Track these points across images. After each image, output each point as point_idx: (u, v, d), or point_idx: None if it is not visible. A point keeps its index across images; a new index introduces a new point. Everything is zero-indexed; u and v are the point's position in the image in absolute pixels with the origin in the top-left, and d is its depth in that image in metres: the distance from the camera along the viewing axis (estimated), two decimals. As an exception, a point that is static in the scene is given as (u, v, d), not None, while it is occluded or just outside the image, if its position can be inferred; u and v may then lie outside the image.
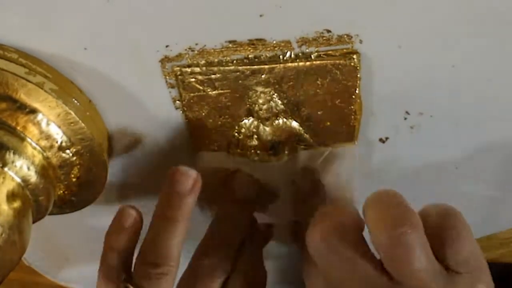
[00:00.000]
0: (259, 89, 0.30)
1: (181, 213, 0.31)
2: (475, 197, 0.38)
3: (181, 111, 0.31)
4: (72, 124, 0.30)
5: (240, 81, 0.29)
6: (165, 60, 0.29)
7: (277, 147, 0.32)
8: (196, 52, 0.28)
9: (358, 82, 0.30)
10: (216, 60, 0.29)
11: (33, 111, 0.29)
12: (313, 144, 0.33)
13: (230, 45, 0.28)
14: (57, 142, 0.30)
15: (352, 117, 0.31)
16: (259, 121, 0.31)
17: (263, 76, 0.29)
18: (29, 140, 0.29)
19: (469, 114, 0.32)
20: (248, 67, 0.29)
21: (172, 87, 0.30)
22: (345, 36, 0.28)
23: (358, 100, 0.31)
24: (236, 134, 0.32)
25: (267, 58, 0.29)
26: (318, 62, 0.29)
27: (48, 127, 0.29)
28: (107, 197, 0.35)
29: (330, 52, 0.28)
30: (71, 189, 0.32)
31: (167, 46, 0.28)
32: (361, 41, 0.28)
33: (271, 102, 0.30)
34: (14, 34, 0.28)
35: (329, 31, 0.28)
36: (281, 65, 0.29)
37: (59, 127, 0.30)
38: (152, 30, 0.27)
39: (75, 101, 0.30)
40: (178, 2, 0.26)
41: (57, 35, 0.28)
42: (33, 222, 0.30)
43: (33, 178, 0.29)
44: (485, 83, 0.30)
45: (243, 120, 0.31)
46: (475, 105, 0.31)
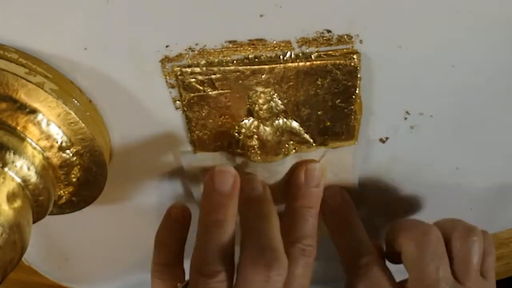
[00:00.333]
0: (259, 89, 0.30)
1: (227, 212, 0.30)
2: (475, 197, 0.38)
3: (181, 111, 0.31)
4: (72, 124, 0.30)
5: (240, 81, 0.29)
6: (165, 60, 0.29)
7: (277, 147, 0.32)
8: (196, 52, 0.28)
9: (358, 82, 0.30)
10: (216, 60, 0.29)
11: (33, 111, 0.29)
12: (313, 144, 0.33)
13: (230, 45, 0.28)
14: (57, 142, 0.30)
15: (352, 117, 0.31)
16: (259, 121, 0.31)
17: (263, 76, 0.29)
18: (29, 140, 0.29)
19: (469, 114, 0.32)
20: (248, 67, 0.29)
21: (172, 87, 0.30)
22: (345, 36, 0.28)
23: (358, 100, 0.31)
24: (236, 134, 0.32)
25: (267, 58, 0.29)
26: (318, 62, 0.29)
27: (48, 127, 0.29)
28: (107, 197, 0.35)
29: (330, 52, 0.28)
30: (71, 189, 0.32)
31: (167, 46, 0.28)
32: (361, 41, 0.28)
33: (271, 102, 0.30)
34: (14, 34, 0.28)
35: (329, 31, 0.28)
36: (281, 65, 0.29)
37: (59, 127, 0.30)
38: (152, 30, 0.27)
39: (75, 101, 0.30)
40: (178, 2, 0.26)
41: (57, 35, 0.28)
42: (33, 222, 0.30)
43: (33, 178, 0.29)
44: (485, 83, 0.30)
45: (243, 120, 0.31)
46: (475, 105, 0.31)
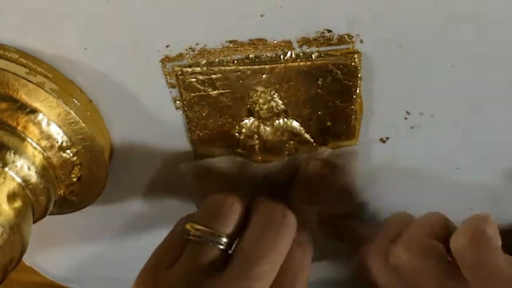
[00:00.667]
0: (260, 89, 0.30)
1: None
2: (475, 197, 0.38)
3: (181, 111, 0.31)
4: (73, 124, 0.30)
5: (240, 81, 0.29)
6: (165, 60, 0.29)
7: (277, 147, 0.32)
8: (196, 52, 0.28)
9: (358, 82, 0.30)
10: (216, 60, 0.29)
11: (34, 111, 0.29)
12: (314, 144, 0.33)
13: (230, 45, 0.28)
14: (57, 142, 0.30)
15: (353, 117, 0.31)
16: (259, 121, 0.31)
17: (263, 76, 0.29)
18: (29, 140, 0.29)
19: (469, 114, 0.32)
20: (248, 67, 0.29)
21: (173, 87, 0.30)
22: (345, 36, 0.28)
23: (358, 100, 0.31)
24: (236, 134, 0.32)
25: (267, 58, 0.29)
26: (318, 62, 0.29)
27: (49, 127, 0.29)
28: (107, 197, 0.35)
29: (331, 52, 0.28)
30: (71, 189, 0.32)
31: (167, 46, 0.28)
32: (361, 41, 0.28)
33: (271, 102, 0.30)
34: (14, 34, 0.28)
35: (329, 31, 0.28)
36: (282, 65, 0.29)
37: (59, 127, 0.30)
38: (152, 30, 0.27)
39: (76, 101, 0.30)
40: (178, 2, 0.26)
41: (57, 35, 0.28)
42: (33, 222, 0.30)
43: (33, 178, 0.29)
44: (485, 83, 0.30)
45: (243, 120, 0.31)
46: (475, 105, 0.31)
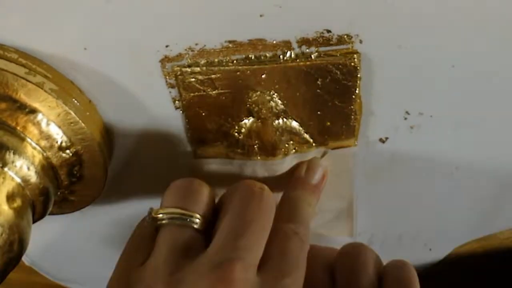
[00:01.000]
0: (259, 89, 0.30)
1: None
2: (475, 197, 0.38)
3: (181, 111, 0.31)
4: (72, 124, 0.30)
5: (240, 81, 0.29)
6: (165, 60, 0.29)
7: (277, 147, 0.32)
8: (196, 52, 0.28)
9: (358, 82, 0.29)
10: (216, 60, 0.29)
11: (33, 111, 0.29)
12: (313, 144, 0.33)
13: (230, 45, 0.28)
14: (57, 142, 0.30)
15: (352, 117, 0.31)
16: (259, 121, 0.31)
17: (263, 76, 0.29)
18: (29, 140, 0.29)
19: (469, 114, 0.32)
20: (248, 67, 0.29)
21: (172, 87, 0.30)
22: (345, 36, 0.28)
23: (358, 100, 0.31)
24: (236, 134, 0.32)
25: (267, 58, 0.29)
26: (318, 62, 0.29)
27: (48, 127, 0.29)
28: (107, 197, 0.35)
29: (330, 52, 0.28)
30: (71, 189, 0.32)
31: (167, 46, 0.28)
32: (361, 41, 0.28)
33: (271, 102, 0.30)
34: (14, 34, 0.28)
35: (329, 31, 0.28)
36: (281, 65, 0.29)
37: (59, 127, 0.30)
38: (152, 30, 0.27)
39: (75, 101, 0.30)
40: (178, 2, 0.26)
41: (57, 35, 0.28)
42: (33, 222, 0.30)
43: (33, 178, 0.29)
44: (485, 83, 0.30)
45: (243, 120, 0.31)
46: (475, 105, 0.31)
